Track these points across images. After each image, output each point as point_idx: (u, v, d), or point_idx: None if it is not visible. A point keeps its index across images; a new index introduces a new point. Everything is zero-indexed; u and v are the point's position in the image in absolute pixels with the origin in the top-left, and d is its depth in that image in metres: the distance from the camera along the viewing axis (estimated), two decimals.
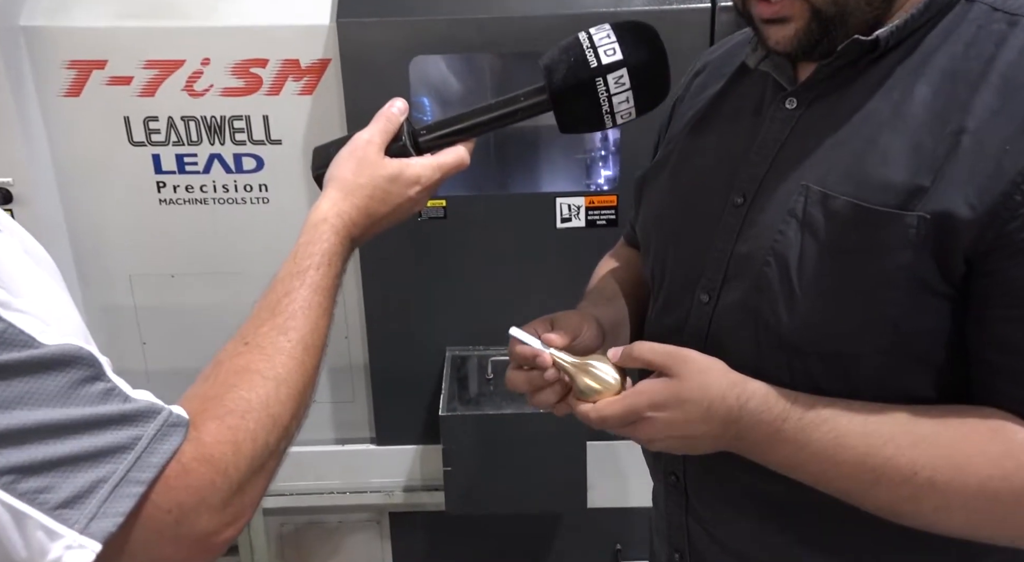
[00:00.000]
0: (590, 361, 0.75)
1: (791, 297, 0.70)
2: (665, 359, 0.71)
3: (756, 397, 0.69)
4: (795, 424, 0.68)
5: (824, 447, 0.67)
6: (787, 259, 0.70)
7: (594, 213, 1.71)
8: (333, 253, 0.68)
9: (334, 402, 1.95)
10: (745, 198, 0.75)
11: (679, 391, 0.69)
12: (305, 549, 2.05)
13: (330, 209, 0.70)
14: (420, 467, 1.92)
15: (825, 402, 0.68)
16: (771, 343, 0.72)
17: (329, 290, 0.67)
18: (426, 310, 1.80)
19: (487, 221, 1.73)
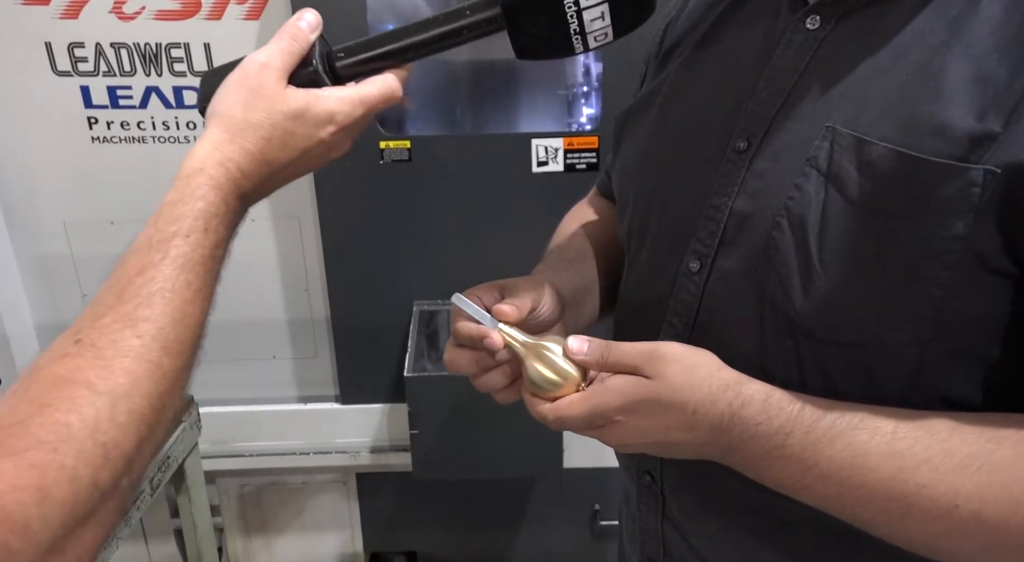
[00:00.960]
0: (546, 344, 0.61)
1: (807, 270, 0.56)
2: (640, 360, 0.57)
3: (753, 402, 0.55)
4: (802, 438, 0.54)
5: (838, 468, 0.54)
6: (804, 221, 0.56)
7: (573, 156, 1.56)
8: (211, 215, 0.51)
9: (295, 358, 1.83)
10: (750, 143, 0.60)
11: (657, 393, 0.56)
12: (268, 511, 1.95)
13: (209, 156, 0.53)
14: (388, 427, 1.81)
15: (841, 409, 0.55)
16: (777, 327, 0.58)
17: (204, 265, 0.51)
18: (390, 261, 1.66)
19: (456, 164, 1.58)
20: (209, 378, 1.84)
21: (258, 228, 1.70)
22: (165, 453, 1.13)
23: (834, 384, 0.57)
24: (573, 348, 0.59)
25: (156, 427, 0.47)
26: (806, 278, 0.56)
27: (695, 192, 0.64)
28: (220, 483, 1.90)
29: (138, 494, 1.07)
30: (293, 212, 1.69)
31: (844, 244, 0.54)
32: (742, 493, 0.61)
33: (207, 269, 0.51)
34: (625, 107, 0.78)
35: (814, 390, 0.57)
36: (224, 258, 0.54)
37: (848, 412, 0.55)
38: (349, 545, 1.99)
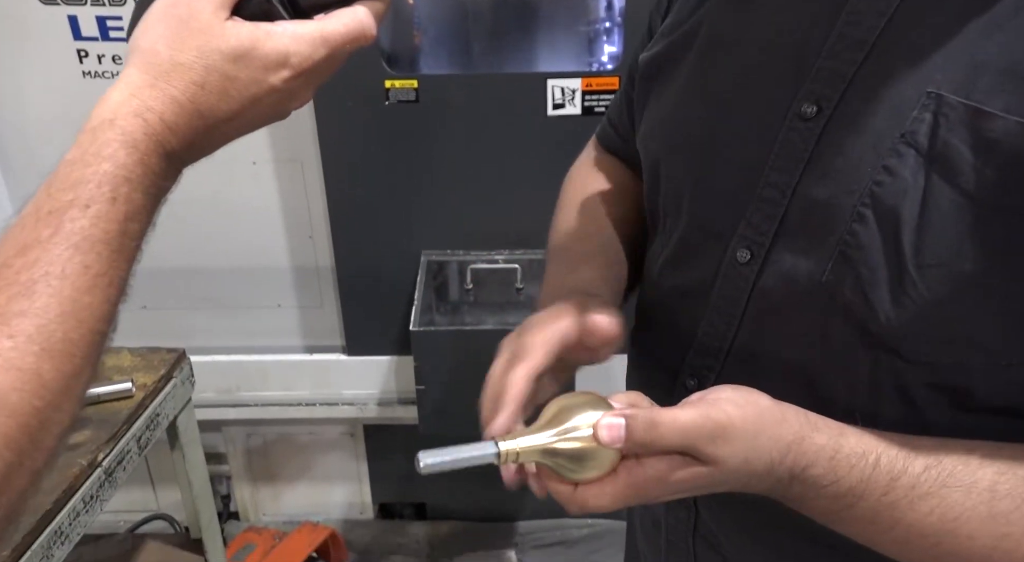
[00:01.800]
0: (569, 424, 0.46)
1: (899, 276, 0.45)
2: (696, 441, 0.45)
3: (820, 463, 0.45)
4: (876, 502, 0.45)
5: (921, 535, 0.45)
6: (897, 214, 0.45)
7: (592, 98, 1.45)
8: (122, 179, 0.40)
9: (300, 307, 1.77)
10: (820, 108, 0.49)
11: (711, 478, 0.46)
12: (276, 460, 1.93)
13: (123, 104, 0.42)
14: (395, 379, 1.76)
15: (927, 456, 0.45)
16: (847, 341, 0.48)
17: (110, 244, 0.40)
18: (397, 208, 1.58)
19: (466, 106, 1.47)
20: (213, 326, 1.81)
21: (259, 171, 1.62)
22: (154, 410, 1.08)
23: (918, 411, 0.48)
24: (606, 439, 0.45)
25: (31, 451, 0.37)
26: (897, 285, 0.45)
27: (745, 165, 0.53)
28: (226, 432, 1.88)
29: (125, 454, 1.02)
30: (296, 155, 1.61)
31: (953, 246, 0.43)
32: (792, 515, 0.51)
33: (114, 249, 0.40)
34: (650, 52, 0.65)
35: (887, 415, 0.48)
36: (144, 233, 0.43)
37: (936, 462, 0.45)
38: (357, 496, 1.96)
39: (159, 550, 1.27)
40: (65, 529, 0.90)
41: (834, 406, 0.49)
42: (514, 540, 1.90)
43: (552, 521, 1.91)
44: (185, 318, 1.77)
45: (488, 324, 1.54)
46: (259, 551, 1.76)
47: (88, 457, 0.96)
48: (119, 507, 1.89)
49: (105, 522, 1.87)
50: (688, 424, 0.44)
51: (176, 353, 1.15)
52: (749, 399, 0.46)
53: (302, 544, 1.79)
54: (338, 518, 1.96)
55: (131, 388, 1.06)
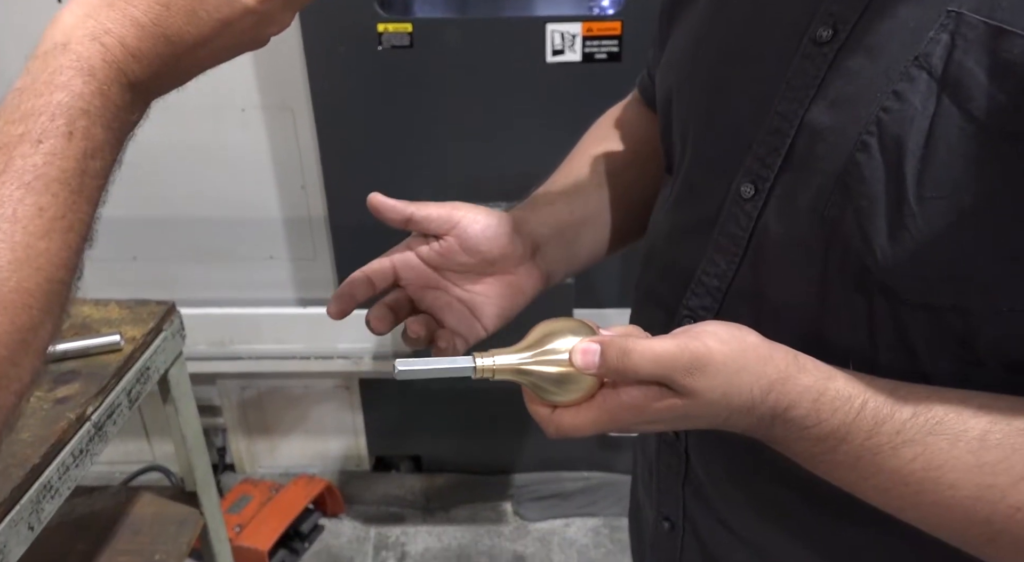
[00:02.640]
0: (548, 347, 0.46)
1: (898, 208, 0.42)
2: (673, 372, 0.44)
3: (802, 404, 0.44)
4: (858, 446, 0.43)
5: (902, 482, 0.43)
6: (902, 143, 0.42)
7: (593, 44, 1.40)
8: (79, 112, 0.36)
9: (293, 259, 1.75)
10: (836, 31, 0.46)
11: (687, 411, 0.45)
12: (271, 413, 1.92)
13: (78, 25, 0.38)
14: (390, 333, 1.74)
15: (916, 404, 0.43)
16: (846, 279, 0.46)
17: (68, 184, 0.36)
18: (391, 158, 1.54)
19: (462, 52, 1.42)
20: (205, 278, 1.78)
21: (249, 119, 1.58)
22: (144, 364, 1.06)
23: (916, 357, 0.45)
24: (580, 364, 0.45)
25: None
26: (895, 218, 0.43)
27: (756, 95, 0.50)
28: (220, 384, 1.86)
29: (115, 407, 1.00)
30: (286, 102, 1.56)
31: (956, 177, 0.41)
32: (782, 467, 0.50)
33: (73, 189, 0.36)
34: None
35: (887, 363, 0.46)
36: (108, 173, 0.39)
37: (924, 410, 0.43)
38: (353, 448, 1.97)
39: (153, 502, 1.27)
40: (55, 483, 0.89)
41: (832, 351, 0.47)
42: (510, 492, 1.91)
43: (548, 473, 1.91)
44: (176, 269, 1.75)
45: None
46: (255, 503, 1.77)
47: (77, 411, 0.94)
48: (114, 458, 1.89)
49: (100, 473, 1.87)
50: (663, 354, 0.43)
51: (165, 306, 1.13)
52: (735, 335, 0.45)
53: (298, 496, 1.80)
54: (334, 470, 1.97)
55: (120, 341, 1.04)
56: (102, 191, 0.39)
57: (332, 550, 1.80)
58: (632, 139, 0.71)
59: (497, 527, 1.84)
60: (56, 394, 0.96)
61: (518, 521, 1.86)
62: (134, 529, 1.21)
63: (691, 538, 0.62)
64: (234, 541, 1.64)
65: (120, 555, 1.17)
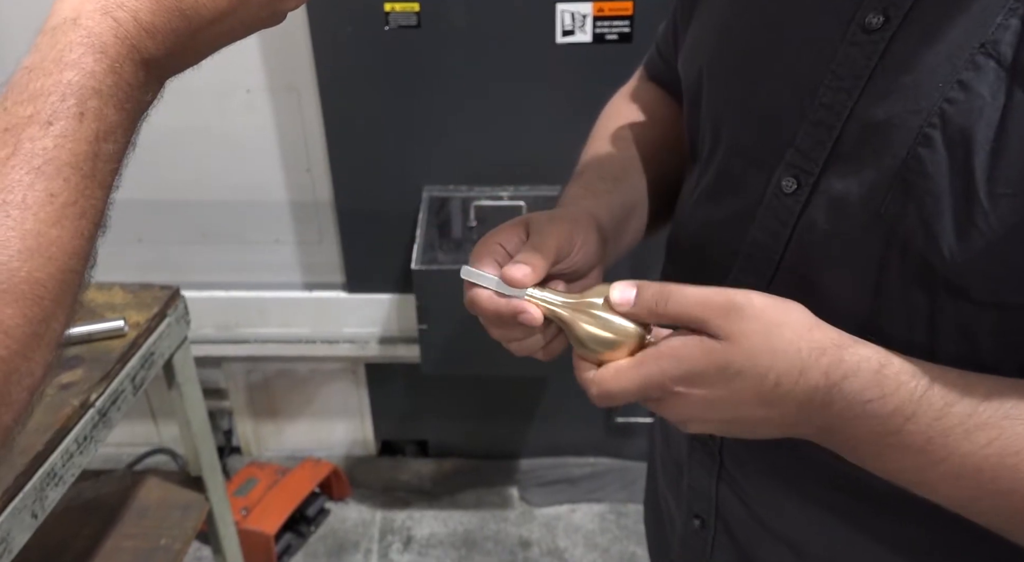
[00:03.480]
0: (591, 300, 0.48)
1: (968, 205, 0.40)
2: (708, 313, 0.43)
3: (861, 373, 0.41)
4: (927, 426, 0.41)
5: (977, 468, 0.40)
6: (970, 136, 0.40)
7: (603, 24, 1.37)
8: (90, 91, 0.34)
9: (299, 243, 1.73)
10: (888, 18, 0.43)
11: (728, 358, 0.42)
12: (278, 397, 1.92)
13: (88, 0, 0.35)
14: (397, 317, 1.73)
15: (987, 388, 0.41)
16: (907, 277, 0.44)
17: (80, 168, 0.34)
18: (397, 140, 1.52)
19: (470, 32, 1.40)
20: (210, 260, 1.77)
21: (254, 100, 1.55)
22: (148, 349, 1.05)
23: (980, 357, 0.43)
24: (616, 299, 0.45)
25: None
26: (964, 216, 0.40)
27: (798, 84, 0.47)
28: (226, 367, 1.86)
29: (119, 393, 0.99)
30: (292, 83, 1.54)
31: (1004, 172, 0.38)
32: (822, 461, 0.48)
33: (85, 174, 0.34)
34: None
35: (947, 362, 0.43)
36: (122, 156, 0.37)
37: (998, 393, 0.41)
38: (360, 433, 1.96)
39: (159, 487, 1.26)
40: (58, 470, 0.88)
41: (889, 346, 0.44)
42: (516, 478, 1.90)
43: (554, 459, 1.91)
44: (182, 252, 1.73)
45: None
46: (262, 486, 1.77)
47: (80, 397, 0.93)
48: (121, 440, 1.89)
49: (107, 455, 1.87)
50: (698, 295, 0.43)
51: (169, 290, 1.11)
52: (777, 298, 0.44)
53: (305, 479, 1.80)
54: (340, 454, 1.97)
55: (123, 326, 1.02)
56: (115, 175, 0.37)
57: (338, 534, 1.80)
58: (658, 121, 0.69)
59: (503, 512, 1.84)
60: (60, 380, 0.95)
61: (524, 506, 1.85)
62: (140, 513, 1.21)
63: (723, 536, 0.61)
64: (240, 524, 1.64)
65: (126, 539, 1.17)
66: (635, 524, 1.81)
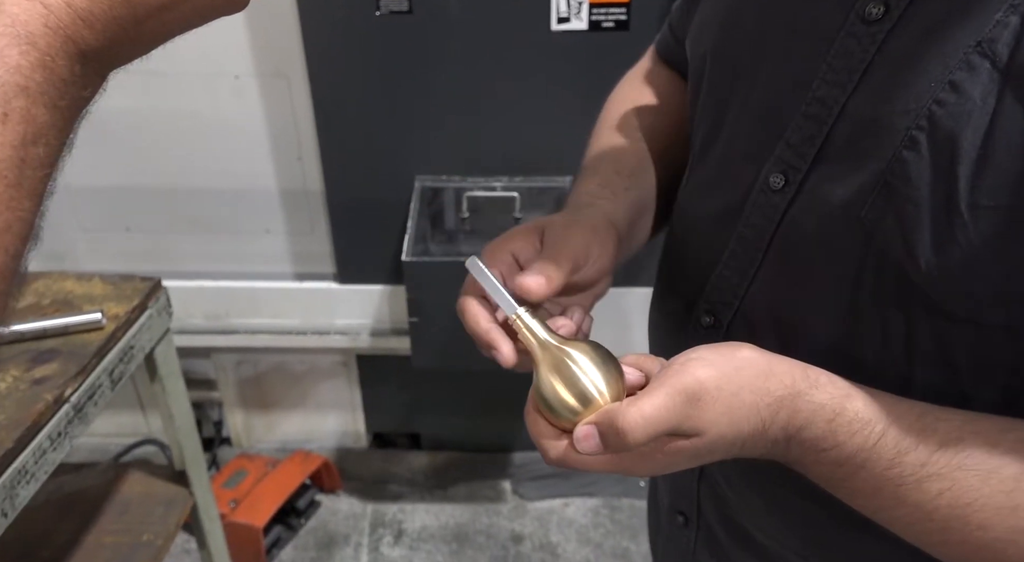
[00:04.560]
0: (573, 352, 0.45)
1: (947, 214, 0.38)
2: (669, 424, 0.41)
3: (816, 424, 0.41)
4: (879, 475, 0.40)
5: (926, 518, 0.40)
6: (955, 140, 0.37)
7: (600, 11, 1.33)
8: (17, 89, 0.31)
9: (290, 233, 1.70)
10: (889, 8, 0.41)
11: (696, 449, 0.42)
12: (268, 389, 1.89)
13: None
14: (388, 309, 1.70)
15: (944, 434, 0.39)
16: (882, 290, 0.42)
17: (5, 177, 0.30)
18: (389, 129, 1.49)
19: (464, 18, 1.36)
20: (200, 250, 1.74)
21: (243, 87, 1.52)
22: (128, 343, 1.03)
23: (957, 378, 0.41)
24: (584, 450, 0.42)
25: None
26: (944, 227, 0.38)
27: (792, 76, 0.45)
28: (216, 358, 1.83)
29: (96, 388, 0.97)
30: (281, 69, 1.50)
31: (1016, 184, 0.36)
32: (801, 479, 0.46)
33: (9, 182, 0.31)
34: None
35: (923, 382, 0.41)
36: (55, 160, 0.33)
37: (954, 441, 0.39)
38: (351, 425, 1.94)
39: (142, 481, 1.24)
40: (30, 468, 0.85)
41: (860, 365, 0.43)
42: (509, 471, 1.88)
43: None
44: (170, 241, 1.71)
45: None
46: (251, 478, 1.75)
47: (55, 392, 0.90)
48: (108, 431, 1.87)
49: (95, 445, 1.86)
50: (656, 413, 0.40)
51: (151, 282, 1.09)
52: (724, 353, 0.42)
53: (295, 472, 1.78)
54: (332, 447, 1.95)
55: (101, 319, 1.00)
56: (47, 181, 0.32)
57: (328, 527, 1.78)
58: (670, 109, 0.66)
59: (496, 506, 1.82)
60: (33, 374, 0.92)
61: (517, 500, 1.83)
62: (122, 508, 1.19)
63: (705, 534, 0.60)
64: (229, 517, 1.62)
65: (107, 535, 1.14)
66: (628, 519, 1.79)
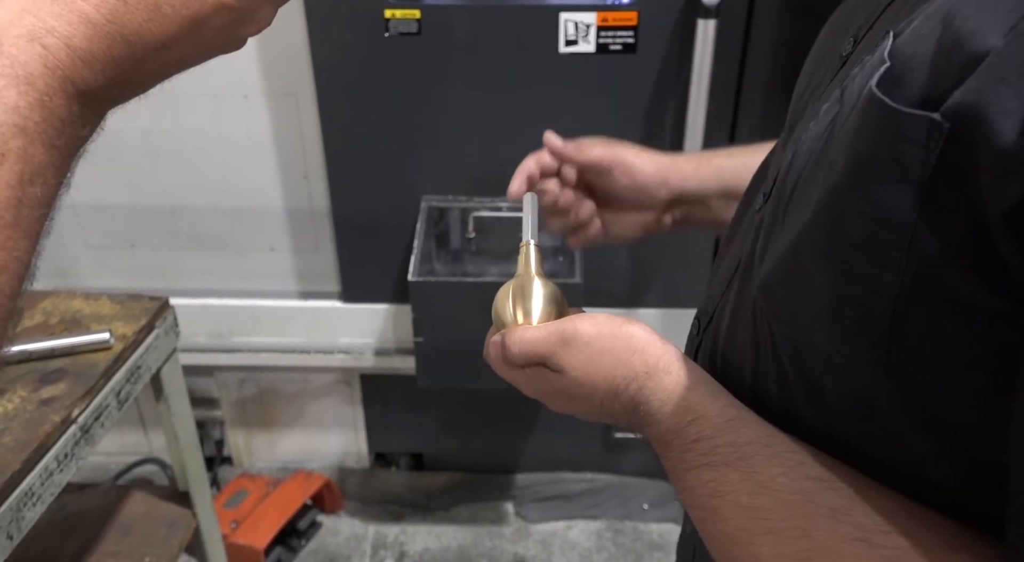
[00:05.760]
0: (536, 285, 0.57)
1: (772, 223, 0.44)
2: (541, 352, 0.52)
3: (652, 402, 0.48)
4: (677, 456, 0.46)
5: (696, 502, 0.45)
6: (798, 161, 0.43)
7: (608, 34, 1.34)
8: (12, 130, 0.30)
9: (295, 251, 1.70)
10: (856, 41, 0.45)
11: (562, 386, 0.51)
12: (270, 407, 1.88)
13: (13, 22, 0.31)
14: (393, 328, 1.70)
15: (740, 436, 0.43)
16: (749, 297, 0.46)
17: (1, 217, 0.30)
18: (396, 149, 1.49)
19: (472, 40, 1.37)
20: (204, 267, 1.73)
21: (251, 106, 1.53)
22: (135, 363, 1.02)
23: (790, 396, 0.43)
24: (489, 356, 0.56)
25: None
26: (771, 233, 0.43)
27: (802, 101, 0.50)
28: (219, 377, 1.83)
29: (103, 409, 0.96)
30: (290, 89, 1.51)
31: (801, 195, 0.40)
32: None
33: (6, 222, 0.30)
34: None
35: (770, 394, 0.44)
36: (52, 199, 0.33)
37: (743, 441, 0.43)
38: (353, 445, 1.93)
39: (145, 501, 1.23)
40: (36, 490, 0.85)
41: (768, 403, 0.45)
42: (512, 493, 1.87)
43: (550, 474, 1.87)
44: (175, 258, 1.70)
45: (490, 275, 1.46)
46: (253, 498, 1.74)
47: (62, 413, 0.90)
48: (110, 449, 1.86)
49: (95, 464, 1.84)
50: (533, 340, 0.52)
51: (159, 301, 1.08)
52: (614, 322, 0.50)
53: (297, 492, 1.76)
54: (333, 466, 1.93)
55: (109, 339, 0.99)
56: (44, 221, 0.32)
57: (329, 548, 1.76)
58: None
59: (498, 528, 1.80)
60: (40, 395, 0.92)
61: (519, 522, 1.82)
62: (124, 530, 1.18)
63: None
64: (230, 538, 1.61)
65: (108, 557, 1.13)
66: (632, 542, 1.78)
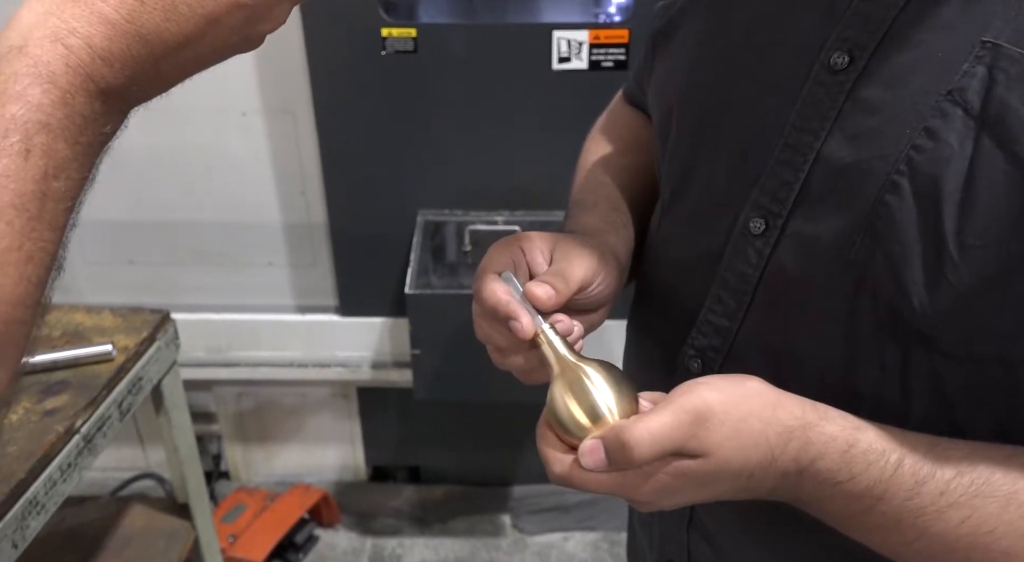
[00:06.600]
0: (589, 370, 0.46)
1: (937, 255, 0.40)
2: (674, 442, 0.41)
3: (829, 455, 0.41)
4: (899, 506, 0.40)
5: (950, 547, 0.40)
6: (938, 185, 0.39)
7: (599, 52, 1.37)
8: (38, 126, 0.32)
9: (292, 266, 1.72)
10: (853, 59, 0.43)
11: (704, 473, 0.42)
12: (268, 421, 1.89)
13: (37, 25, 0.32)
14: (389, 341, 1.71)
15: (958, 461, 0.40)
16: (879, 327, 0.43)
17: (24, 210, 0.32)
18: (393, 164, 1.52)
19: (467, 58, 1.40)
20: (202, 282, 1.75)
21: (249, 122, 1.55)
22: (137, 374, 1.04)
23: (952, 411, 0.42)
24: (588, 465, 0.42)
25: None
26: (934, 267, 0.40)
27: (763, 122, 0.47)
28: (216, 391, 1.84)
29: (105, 420, 0.98)
30: (288, 106, 1.53)
31: (1001, 223, 0.38)
32: (793, 513, 0.46)
33: (32, 215, 0.31)
34: (664, 1, 0.61)
35: (920, 416, 0.43)
36: (77, 193, 0.34)
37: (969, 468, 0.40)
38: (351, 458, 1.93)
39: (144, 514, 1.24)
40: (41, 499, 0.86)
41: (859, 401, 0.44)
42: (509, 505, 1.88)
43: (548, 486, 1.88)
44: (173, 274, 1.72)
45: None
46: (250, 512, 1.74)
47: (65, 424, 0.91)
48: (107, 465, 1.86)
49: (92, 480, 1.84)
50: (662, 430, 0.41)
51: (160, 314, 1.10)
52: (732, 382, 0.43)
53: (294, 506, 1.77)
54: (331, 480, 1.94)
55: (111, 351, 1.01)
56: (69, 214, 0.34)
57: (327, 561, 1.77)
58: (637, 147, 0.68)
59: (495, 540, 1.81)
60: (44, 406, 0.93)
61: (516, 534, 1.83)
62: (123, 542, 1.19)
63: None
64: (227, 552, 1.61)
65: None
66: None
